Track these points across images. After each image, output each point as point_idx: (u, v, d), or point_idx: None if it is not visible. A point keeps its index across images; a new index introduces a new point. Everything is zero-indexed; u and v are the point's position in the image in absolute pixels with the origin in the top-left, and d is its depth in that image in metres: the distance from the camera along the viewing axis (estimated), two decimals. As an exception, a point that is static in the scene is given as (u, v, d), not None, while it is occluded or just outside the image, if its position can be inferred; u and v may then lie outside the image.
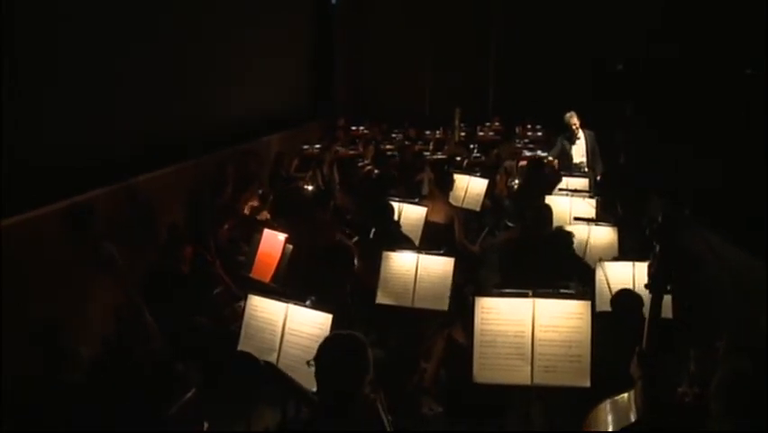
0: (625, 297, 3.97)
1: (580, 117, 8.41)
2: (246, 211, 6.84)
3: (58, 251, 4.39)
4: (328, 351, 2.40)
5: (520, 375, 3.17)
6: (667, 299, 3.19)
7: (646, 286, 2.48)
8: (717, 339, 3.19)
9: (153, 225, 5.97)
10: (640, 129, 10.12)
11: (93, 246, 3.83)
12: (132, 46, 5.73)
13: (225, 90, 8.21)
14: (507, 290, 3.26)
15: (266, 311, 3.56)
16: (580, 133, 8.44)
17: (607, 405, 2.53)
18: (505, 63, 14.98)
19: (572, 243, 5.29)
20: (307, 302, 3.41)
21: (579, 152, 8.34)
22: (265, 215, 6.90)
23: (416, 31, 14.82)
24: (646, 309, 2.96)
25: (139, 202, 5.74)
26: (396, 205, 5.84)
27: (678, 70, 10.38)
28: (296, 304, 3.45)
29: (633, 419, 2.37)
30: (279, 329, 3.47)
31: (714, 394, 2.02)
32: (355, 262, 4.45)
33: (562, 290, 3.34)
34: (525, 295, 3.21)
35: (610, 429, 2.41)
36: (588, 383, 3.09)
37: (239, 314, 4.73)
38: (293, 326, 3.45)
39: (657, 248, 2.42)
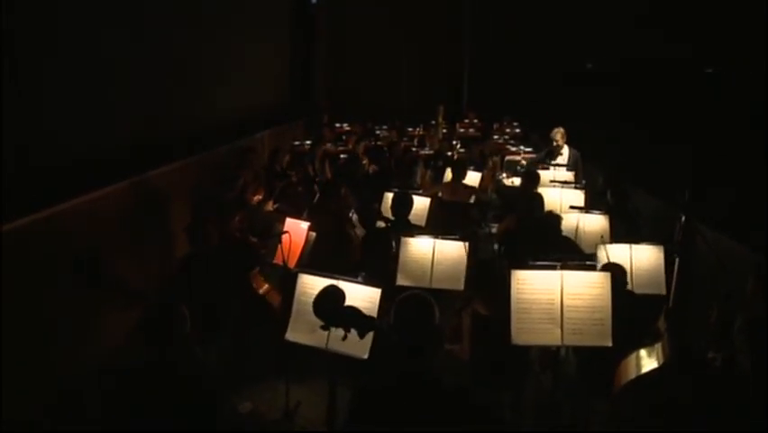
0: (612, 268, 4.52)
1: (565, 136, 8.53)
2: (253, 203, 7.18)
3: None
4: (405, 308, 2.72)
5: (552, 337, 3.64)
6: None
7: (673, 250, 2.94)
8: (708, 309, 3.70)
9: (163, 217, 6.30)
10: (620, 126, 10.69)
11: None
12: (129, 51, 5.97)
13: (215, 91, 8.53)
14: (539, 263, 3.72)
15: (316, 288, 3.86)
16: (564, 150, 8.54)
17: (636, 354, 2.99)
18: (479, 62, 15.52)
19: (560, 224, 5.77)
20: (359, 278, 3.78)
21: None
22: (270, 206, 7.28)
23: (393, 31, 15.25)
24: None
25: (149, 197, 6.05)
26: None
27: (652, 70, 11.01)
28: (346, 281, 3.82)
29: (660, 363, 2.83)
30: (329, 304, 3.83)
31: (737, 333, 2.50)
32: (393, 245, 4.85)
33: (587, 262, 3.80)
34: (554, 267, 3.68)
35: (641, 373, 2.87)
36: (609, 343, 3.57)
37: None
38: (343, 301, 3.81)
39: (683, 219, 2.87)
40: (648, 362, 2.91)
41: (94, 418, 3.01)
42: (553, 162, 8.27)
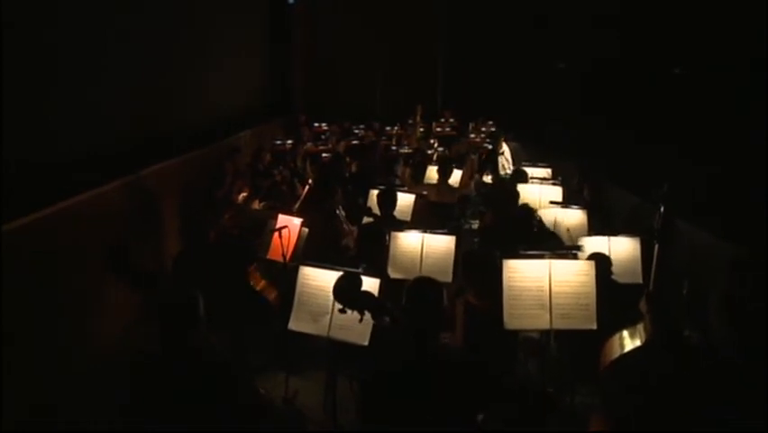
0: (597, 258, 4.81)
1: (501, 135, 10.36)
2: (239, 202, 7.35)
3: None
4: (419, 290, 2.90)
5: (542, 321, 3.91)
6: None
7: (654, 237, 3.21)
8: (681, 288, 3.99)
9: (157, 215, 6.44)
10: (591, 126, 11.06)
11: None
12: (116, 50, 6.06)
13: (194, 90, 8.63)
14: (529, 252, 3.98)
15: (317, 279, 4.11)
16: (503, 147, 10.08)
17: (620, 335, 3.26)
18: (454, 62, 15.79)
19: (533, 216, 6.02)
20: (360, 269, 3.98)
21: (502, 164, 9.85)
22: (256, 204, 7.45)
23: (368, 31, 15.40)
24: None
25: (144, 194, 6.17)
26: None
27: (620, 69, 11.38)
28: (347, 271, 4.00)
29: (642, 342, 3.10)
30: (331, 294, 4.02)
31: (715, 309, 2.78)
32: (387, 238, 5.07)
33: (573, 252, 4.07)
34: (542, 257, 3.95)
35: (624, 352, 3.13)
36: (595, 326, 3.85)
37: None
38: (343, 291, 4.01)
39: (662, 208, 3.14)
40: (631, 342, 3.17)
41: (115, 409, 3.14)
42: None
